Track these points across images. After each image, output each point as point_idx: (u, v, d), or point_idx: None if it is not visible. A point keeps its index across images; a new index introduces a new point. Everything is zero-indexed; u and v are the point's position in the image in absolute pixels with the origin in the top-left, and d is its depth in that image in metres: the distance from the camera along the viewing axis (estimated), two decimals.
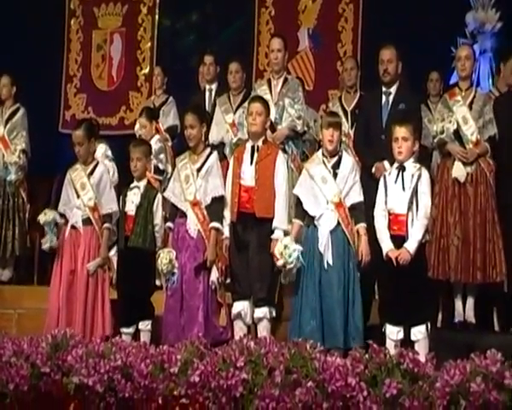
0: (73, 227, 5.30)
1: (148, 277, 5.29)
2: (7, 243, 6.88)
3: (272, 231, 4.88)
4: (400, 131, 4.65)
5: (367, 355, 3.28)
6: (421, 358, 3.31)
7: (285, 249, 4.62)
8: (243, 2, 8.48)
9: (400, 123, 4.70)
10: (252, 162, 4.99)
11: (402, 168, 4.65)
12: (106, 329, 5.15)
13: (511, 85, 5.91)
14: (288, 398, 3.22)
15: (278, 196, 4.93)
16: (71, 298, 5.16)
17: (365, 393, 3.12)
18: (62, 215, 5.38)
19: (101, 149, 6.25)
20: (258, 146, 5.02)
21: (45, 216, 5.36)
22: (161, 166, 6.39)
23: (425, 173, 4.66)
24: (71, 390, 3.73)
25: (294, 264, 4.62)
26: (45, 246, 5.37)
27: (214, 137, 6.03)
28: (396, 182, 4.64)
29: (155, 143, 6.48)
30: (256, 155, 5.00)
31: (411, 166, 4.65)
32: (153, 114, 6.68)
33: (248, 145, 5.08)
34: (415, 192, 4.58)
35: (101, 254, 5.26)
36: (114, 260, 5.48)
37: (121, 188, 5.71)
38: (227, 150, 5.92)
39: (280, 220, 4.90)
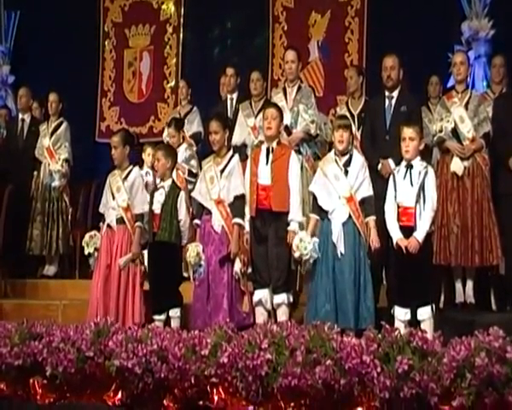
0: (109, 226, 5.29)
1: (176, 268, 5.22)
2: (52, 242, 6.90)
3: (288, 224, 4.84)
4: (407, 132, 4.61)
5: (380, 335, 3.26)
6: (428, 336, 3.29)
7: (300, 243, 4.59)
8: (259, 18, 8.43)
9: (407, 124, 4.66)
10: (267, 162, 4.94)
11: (410, 166, 4.61)
12: (135, 317, 5.12)
13: (498, 83, 5.89)
14: (308, 375, 3.21)
15: (292, 191, 4.88)
16: (107, 290, 5.16)
17: (379, 369, 3.11)
18: (102, 215, 5.40)
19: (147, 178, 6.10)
20: (272, 147, 4.98)
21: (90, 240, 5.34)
22: (194, 171, 6.40)
23: (431, 171, 4.63)
24: (112, 372, 3.75)
25: (310, 255, 4.58)
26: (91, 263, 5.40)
27: (237, 139, 5.98)
28: (404, 178, 4.60)
29: (185, 151, 6.46)
30: (271, 155, 4.96)
31: (418, 164, 4.62)
32: (180, 124, 6.64)
33: (264, 147, 5.03)
34: (422, 187, 4.53)
35: (132, 250, 5.24)
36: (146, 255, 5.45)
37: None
38: (249, 151, 5.87)
39: (295, 213, 4.85)
